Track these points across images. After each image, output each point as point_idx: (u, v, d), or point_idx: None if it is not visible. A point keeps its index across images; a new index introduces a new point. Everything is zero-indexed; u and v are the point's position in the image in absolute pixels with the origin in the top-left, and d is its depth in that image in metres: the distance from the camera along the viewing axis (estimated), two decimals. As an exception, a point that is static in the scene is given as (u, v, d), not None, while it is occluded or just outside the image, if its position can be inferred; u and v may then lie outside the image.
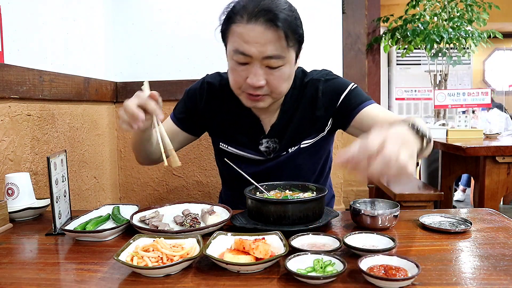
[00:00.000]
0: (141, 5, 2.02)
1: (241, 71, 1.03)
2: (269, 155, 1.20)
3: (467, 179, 4.77)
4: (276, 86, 1.04)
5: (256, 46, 0.98)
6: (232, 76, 1.07)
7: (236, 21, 1.00)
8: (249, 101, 1.08)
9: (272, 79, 1.03)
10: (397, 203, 0.97)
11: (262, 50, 0.98)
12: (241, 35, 0.99)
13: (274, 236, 0.81)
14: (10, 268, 0.77)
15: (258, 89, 1.03)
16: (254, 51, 0.98)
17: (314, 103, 1.17)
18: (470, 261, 0.76)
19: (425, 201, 2.74)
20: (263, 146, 1.19)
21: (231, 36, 1.03)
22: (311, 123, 1.18)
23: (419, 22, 3.92)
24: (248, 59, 1.00)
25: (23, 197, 1.12)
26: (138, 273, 0.72)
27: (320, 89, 1.16)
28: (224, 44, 1.10)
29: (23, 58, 1.32)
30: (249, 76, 1.02)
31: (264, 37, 0.97)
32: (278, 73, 1.03)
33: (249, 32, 0.98)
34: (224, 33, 1.06)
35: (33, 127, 1.38)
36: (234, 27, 1.01)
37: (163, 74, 2.04)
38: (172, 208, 1.08)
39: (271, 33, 0.97)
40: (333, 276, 0.66)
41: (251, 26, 0.98)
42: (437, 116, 3.89)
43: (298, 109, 1.18)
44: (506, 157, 2.39)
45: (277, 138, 1.19)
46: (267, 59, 0.99)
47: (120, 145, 2.10)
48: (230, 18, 1.02)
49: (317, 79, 1.18)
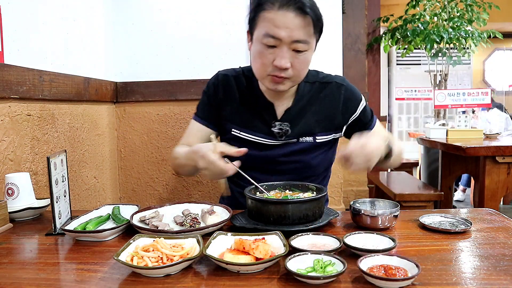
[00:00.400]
0: (141, 5, 2.02)
1: (268, 54, 1.10)
2: (280, 137, 1.24)
3: (467, 179, 4.76)
4: (299, 69, 1.13)
5: (286, 31, 1.06)
6: (259, 59, 1.13)
7: (267, 8, 1.08)
8: (272, 83, 1.14)
9: (297, 62, 1.11)
10: (397, 203, 0.97)
11: (291, 34, 1.06)
12: (272, 20, 1.07)
13: (274, 236, 0.81)
14: (10, 268, 0.77)
15: (283, 71, 1.10)
16: (284, 35, 1.06)
17: (336, 104, 1.26)
18: (470, 261, 0.76)
19: (425, 201, 2.74)
20: (276, 128, 1.24)
21: (261, 22, 1.10)
22: (329, 121, 1.26)
23: (419, 22, 3.93)
24: (277, 42, 1.08)
25: (23, 197, 1.12)
26: (138, 273, 0.72)
27: (342, 94, 1.26)
28: (250, 32, 1.17)
29: (23, 58, 1.32)
30: (276, 58, 1.09)
31: (294, 22, 1.06)
32: (302, 57, 1.11)
33: (280, 17, 1.06)
34: (253, 20, 1.13)
35: (33, 127, 1.38)
36: (265, 14, 1.09)
37: (163, 74, 2.04)
38: (172, 208, 1.08)
39: (300, 19, 1.06)
40: (333, 276, 0.66)
41: (282, 12, 1.06)
42: (437, 116, 3.89)
43: (315, 103, 1.25)
44: (506, 157, 2.39)
45: (289, 123, 1.24)
46: (295, 43, 1.08)
47: (120, 145, 2.10)
48: (260, 5, 1.10)
49: (340, 83, 1.27)
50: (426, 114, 5.99)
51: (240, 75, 1.29)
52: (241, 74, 1.29)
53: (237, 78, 1.29)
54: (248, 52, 2.00)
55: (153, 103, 2.05)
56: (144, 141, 2.08)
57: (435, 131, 3.13)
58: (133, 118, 2.07)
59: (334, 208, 1.19)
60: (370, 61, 3.79)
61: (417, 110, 6.13)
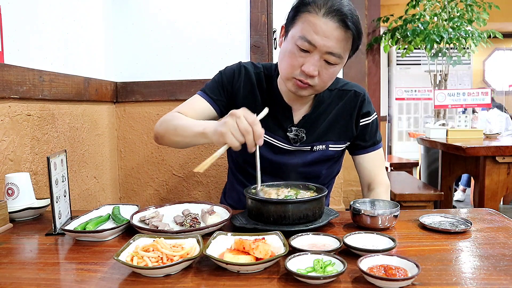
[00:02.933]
0: (141, 5, 2.02)
1: (299, 57, 1.07)
2: (295, 143, 1.22)
3: (467, 179, 4.77)
4: (325, 80, 1.10)
5: (324, 40, 1.03)
6: (289, 60, 1.09)
7: (311, 11, 1.04)
8: (295, 86, 1.11)
9: (325, 73, 1.08)
10: (397, 203, 0.97)
11: (328, 44, 1.03)
12: (313, 24, 1.03)
13: (274, 236, 0.81)
14: (10, 268, 0.77)
15: (309, 78, 1.07)
16: (320, 43, 1.03)
17: (351, 113, 1.24)
18: (470, 261, 0.76)
19: (425, 201, 2.75)
20: (292, 133, 1.22)
21: (301, 23, 1.05)
22: (343, 130, 1.24)
23: (419, 22, 3.93)
24: (312, 48, 1.04)
25: (23, 197, 1.12)
26: (138, 273, 0.72)
27: (358, 103, 1.24)
28: (286, 26, 1.12)
29: (23, 58, 1.32)
30: (306, 64, 1.06)
31: (334, 34, 1.03)
32: (331, 69, 1.08)
33: (322, 25, 1.02)
34: (294, 17, 1.08)
35: (33, 127, 1.38)
36: (308, 16, 1.04)
37: (163, 74, 2.04)
38: (172, 208, 1.08)
39: (341, 32, 1.03)
40: (333, 276, 0.66)
41: (326, 20, 1.02)
42: (437, 116, 3.89)
43: (333, 111, 1.23)
44: (506, 157, 2.39)
45: (305, 129, 1.22)
46: (328, 54, 1.05)
47: (120, 145, 2.10)
48: (306, 5, 1.05)
49: (359, 92, 1.25)
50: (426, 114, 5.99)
51: (261, 73, 1.25)
52: (261, 72, 1.26)
53: (258, 75, 1.25)
54: (248, 52, 2.00)
55: (153, 103, 2.05)
56: (144, 141, 2.08)
57: (435, 131, 3.13)
58: (133, 118, 2.07)
59: (334, 208, 1.19)
60: (370, 61, 3.79)
61: (417, 110, 6.14)
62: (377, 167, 1.30)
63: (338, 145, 1.25)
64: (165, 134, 1.17)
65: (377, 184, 1.28)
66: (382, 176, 1.30)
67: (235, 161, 1.34)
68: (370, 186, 1.30)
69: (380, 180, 1.29)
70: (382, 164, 1.33)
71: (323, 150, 1.23)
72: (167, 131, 1.16)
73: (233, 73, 1.25)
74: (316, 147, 1.23)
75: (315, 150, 1.23)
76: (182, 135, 1.10)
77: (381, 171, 1.31)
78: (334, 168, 1.32)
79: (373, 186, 1.29)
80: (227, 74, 1.26)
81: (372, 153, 1.29)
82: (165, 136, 1.17)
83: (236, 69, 1.26)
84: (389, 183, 1.32)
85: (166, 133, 1.16)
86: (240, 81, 1.24)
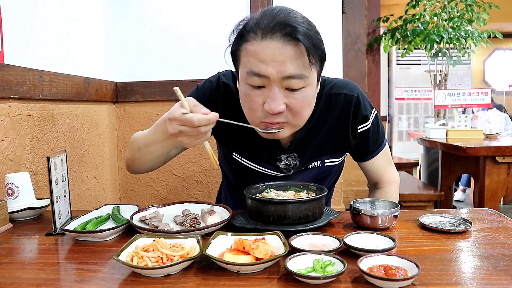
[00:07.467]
0: (141, 5, 2.02)
1: (256, 97, 0.90)
2: (288, 172, 1.11)
3: (467, 179, 4.77)
4: (297, 110, 0.91)
5: (274, 65, 0.85)
6: (247, 104, 0.93)
7: (249, 39, 0.88)
8: (269, 130, 0.94)
9: (294, 103, 0.90)
10: (397, 203, 0.97)
11: (280, 69, 0.86)
12: (255, 53, 0.87)
13: (274, 236, 0.81)
14: (10, 268, 0.77)
15: (277, 115, 0.90)
16: (271, 71, 0.86)
17: (348, 122, 1.09)
18: (470, 261, 0.76)
19: (425, 201, 2.75)
20: (282, 164, 1.08)
21: (244, 57, 0.90)
22: (339, 142, 1.11)
23: (419, 22, 3.92)
24: (265, 81, 0.88)
25: (23, 197, 1.12)
26: (138, 273, 0.72)
27: (352, 108, 1.08)
28: (235, 67, 0.98)
29: (23, 58, 1.32)
30: (266, 101, 0.89)
31: (283, 53, 0.85)
32: (300, 96, 0.90)
33: (265, 49, 0.85)
34: (235, 54, 0.94)
35: (33, 127, 1.38)
36: (247, 46, 0.89)
37: (163, 74, 2.04)
38: (172, 208, 1.08)
39: (290, 48, 0.85)
40: (333, 276, 0.66)
41: (267, 42, 0.86)
42: (437, 116, 3.89)
43: (323, 121, 1.08)
44: (506, 157, 2.39)
45: (297, 153, 1.09)
46: (286, 79, 0.87)
47: (120, 145, 2.10)
48: (242, 36, 0.90)
49: (352, 96, 1.08)
50: (426, 114, 6.00)
51: None
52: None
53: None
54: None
55: (153, 103, 2.05)
56: (144, 141, 2.08)
57: (435, 131, 3.13)
58: (133, 118, 2.07)
59: (334, 208, 1.19)
60: (370, 61, 3.79)
61: (417, 110, 6.14)
62: (384, 166, 1.22)
63: (334, 159, 1.13)
64: (133, 158, 1.09)
65: (385, 182, 1.22)
66: (390, 174, 1.23)
67: (230, 175, 1.29)
68: (377, 185, 1.24)
69: (387, 178, 1.22)
70: (389, 161, 1.24)
71: (319, 166, 1.12)
72: (133, 154, 1.08)
73: (211, 95, 1.08)
74: (310, 165, 1.12)
75: (310, 168, 1.12)
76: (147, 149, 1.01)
77: (388, 168, 1.23)
78: (333, 176, 1.25)
79: (380, 185, 1.23)
80: (205, 94, 1.09)
81: (377, 156, 1.19)
82: (135, 160, 1.09)
83: (214, 89, 1.09)
84: (398, 178, 1.24)
85: (132, 156, 1.09)
86: (219, 103, 1.07)
